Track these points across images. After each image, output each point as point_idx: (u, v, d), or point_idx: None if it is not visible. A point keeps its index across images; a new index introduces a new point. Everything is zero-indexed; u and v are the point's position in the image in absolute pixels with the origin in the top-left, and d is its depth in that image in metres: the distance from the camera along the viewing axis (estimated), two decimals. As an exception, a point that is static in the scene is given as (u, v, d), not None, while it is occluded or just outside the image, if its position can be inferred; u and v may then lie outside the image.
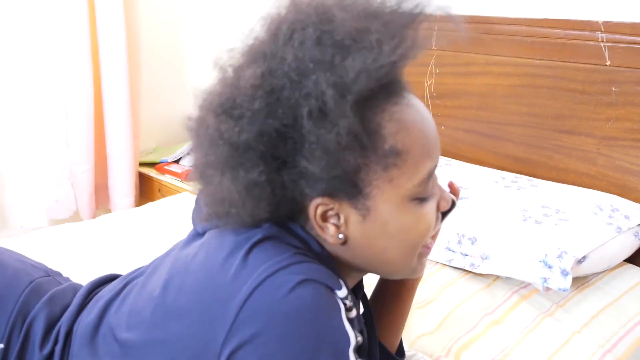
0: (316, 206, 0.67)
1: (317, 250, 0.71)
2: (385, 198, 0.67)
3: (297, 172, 0.65)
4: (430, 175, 0.69)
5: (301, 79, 0.63)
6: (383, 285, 0.93)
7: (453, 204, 0.80)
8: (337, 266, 0.73)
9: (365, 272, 0.78)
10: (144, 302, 0.74)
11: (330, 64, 0.63)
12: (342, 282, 0.67)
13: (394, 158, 0.66)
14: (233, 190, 0.66)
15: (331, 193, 0.66)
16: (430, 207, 0.71)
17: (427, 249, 0.76)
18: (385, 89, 0.66)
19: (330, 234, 0.69)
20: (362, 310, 0.87)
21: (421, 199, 0.70)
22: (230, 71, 0.69)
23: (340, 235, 0.69)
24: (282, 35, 0.65)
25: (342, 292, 0.67)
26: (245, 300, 0.62)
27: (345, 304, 0.68)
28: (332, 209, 0.68)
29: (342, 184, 0.66)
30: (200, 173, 0.71)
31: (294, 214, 0.70)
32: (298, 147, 0.64)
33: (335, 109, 0.62)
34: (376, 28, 0.64)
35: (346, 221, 0.69)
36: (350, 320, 0.69)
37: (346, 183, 0.66)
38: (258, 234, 0.67)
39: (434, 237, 0.79)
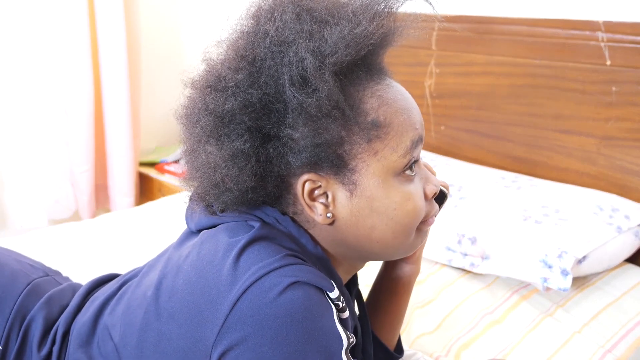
0: (304, 183, 0.68)
1: (311, 249, 0.71)
2: (371, 172, 0.69)
3: (282, 143, 0.67)
4: (414, 145, 0.71)
5: (282, 49, 0.66)
6: (379, 283, 0.93)
7: (444, 194, 0.81)
8: (330, 263, 0.73)
9: (359, 260, 0.78)
10: (137, 302, 0.74)
11: (309, 34, 0.66)
12: (334, 284, 0.68)
13: (376, 130, 0.68)
14: (218, 157, 0.67)
15: (316, 165, 0.67)
16: (416, 188, 0.72)
17: (425, 223, 0.76)
18: (366, 69, 0.69)
19: (318, 213, 0.69)
20: (356, 307, 0.87)
21: (406, 176, 0.71)
22: (215, 57, 0.72)
23: (329, 214, 0.70)
24: (263, 15, 0.69)
25: (334, 294, 0.67)
26: (236, 302, 0.62)
27: (337, 305, 0.68)
28: (319, 186, 0.69)
29: (327, 154, 0.67)
30: (189, 153, 0.72)
31: (282, 194, 0.70)
32: (282, 118, 0.66)
33: (315, 74, 0.64)
34: (352, 3, 0.68)
35: (334, 199, 0.70)
36: (342, 321, 0.69)
37: (330, 154, 0.67)
38: (250, 235, 0.67)
39: (427, 217, 0.78)
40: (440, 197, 0.81)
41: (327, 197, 0.69)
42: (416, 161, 0.73)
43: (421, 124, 0.73)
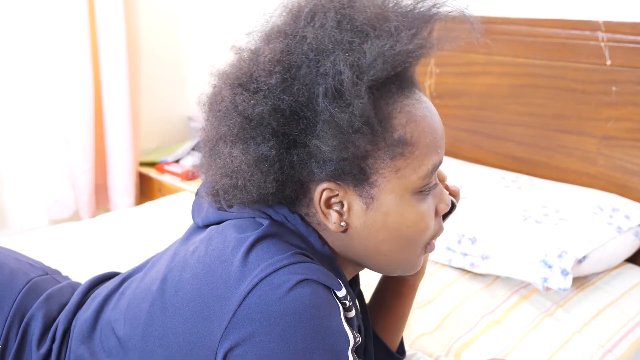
0: (322, 191, 0.68)
1: (318, 247, 0.71)
2: (390, 188, 0.68)
3: (308, 152, 0.66)
4: (435, 169, 0.71)
5: (319, 58, 0.64)
6: (384, 284, 0.93)
7: (453, 206, 0.80)
8: (337, 262, 0.73)
9: (363, 266, 0.78)
10: (141, 296, 0.74)
11: (349, 46, 0.64)
12: (341, 283, 0.68)
13: (401, 148, 0.67)
14: (243, 161, 0.67)
15: (338, 176, 0.67)
16: (429, 206, 0.72)
17: (430, 246, 0.76)
18: (398, 83, 0.68)
19: (332, 221, 0.70)
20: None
21: (423, 194, 0.71)
22: (247, 50, 0.71)
23: (342, 223, 0.70)
24: (303, 17, 0.67)
25: (342, 292, 0.67)
26: (244, 298, 0.62)
27: (344, 304, 0.68)
28: (337, 195, 0.69)
29: (351, 167, 0.66)
30: (210, 147, 0.71)
31: (298, 196, 0.70)
32: (310, 127, 0.65)
33: (351, 89, 0.63)
34: (395, 17, 0.66)
35: (349, 209, 0.69)
36: (349, 320, 0.69)
37: (354, 167, 0.67)
38: (259, 232, 0.67)
39: (435, 236, 0.79)
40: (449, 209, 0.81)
41: (342, 205, 0.69)
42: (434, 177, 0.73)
43: (443, 148, 0.72)
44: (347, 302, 0.69)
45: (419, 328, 1.19)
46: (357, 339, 0.67)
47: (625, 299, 1.28)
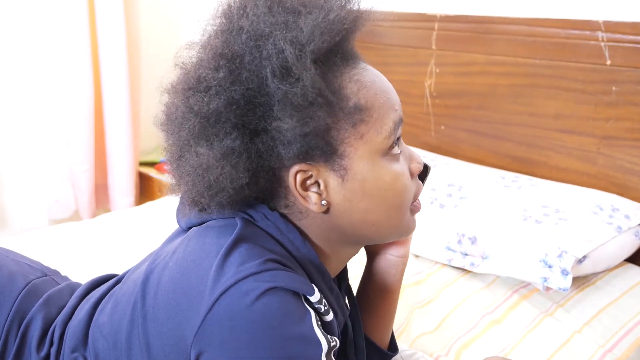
0: (295, 174, 0.69)
1: (299, 244, 0.71)
2: (359, 155, 0.69)
3: (271, 137, 0.67)
4: (397, 125, 0.72)
5: (260, 43, 0.66)
6: (367, 281, 0.92)
7: (427, 168, 0.82)
8: (318, 259, 0.73)
9: (354, 244, 0.78)
10: (125, 298, 0.74)
11: (284, 25, 0.66)
12: (314, 287, 0.68)
13: (359, 114, 0.69)
14: (210, 156, 0.67)
15: (307, 155, 0.68)
16: (402, 167, 0.73)
17: (415, 207, 0.77)
18: (341, 55, 0.70)
19: (313, 202, 0.70)
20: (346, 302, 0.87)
21: (392, 156, 0.72)
22: (189, 60, 0.72)
23: (323, 202, 0.70)
24: (235, 13, 0.69)
25: (315, 297, 0.67)
26: (213, 305, 0.62)
27: (319, 309, 0.68)
28: (311, 176, 0.69)
29: (316, 142, 0.67)
30: (177, 159, 0.71)
31: (274, 187, 0.71)
32: (268, 111, 0.66)
33: (297, 64, 0.64)
34: None
35: (326, 186, 0.70)
36: (326, 324, 0.69)
37: (319, 142, 0.67)
38: (233, 236, 0.67)
39: (416, 196, 0.79)
40: (424, 171, 0.82)
41: (319, 185, 0.70)
42: (399, 138, 0.74)
43: (399, 104, 0.74)
44: (322, 307, 0.69)
45: (419, 328, 1.19)
46: (333, 344, 0.66)
47: (625, 299, 1.28)
